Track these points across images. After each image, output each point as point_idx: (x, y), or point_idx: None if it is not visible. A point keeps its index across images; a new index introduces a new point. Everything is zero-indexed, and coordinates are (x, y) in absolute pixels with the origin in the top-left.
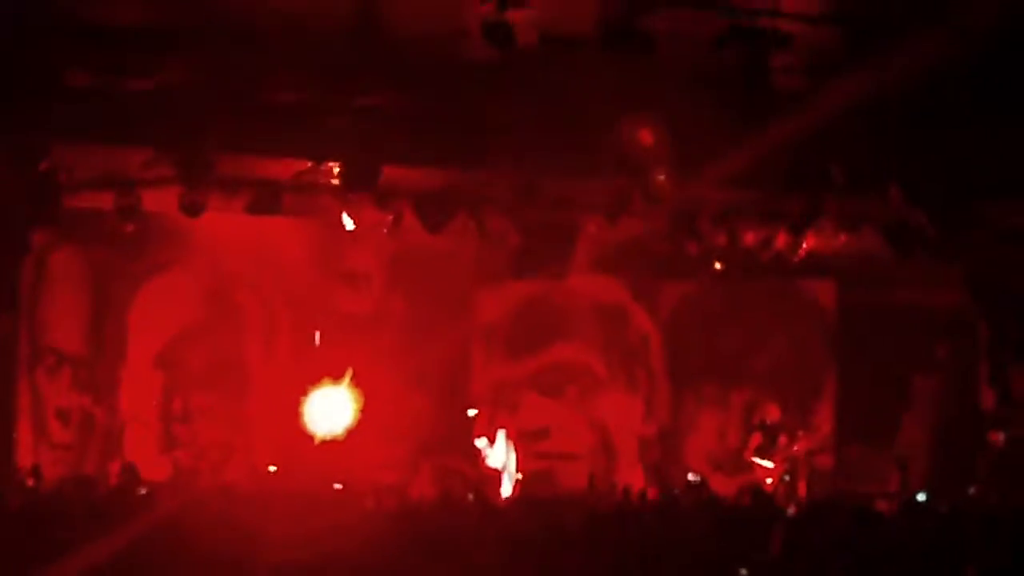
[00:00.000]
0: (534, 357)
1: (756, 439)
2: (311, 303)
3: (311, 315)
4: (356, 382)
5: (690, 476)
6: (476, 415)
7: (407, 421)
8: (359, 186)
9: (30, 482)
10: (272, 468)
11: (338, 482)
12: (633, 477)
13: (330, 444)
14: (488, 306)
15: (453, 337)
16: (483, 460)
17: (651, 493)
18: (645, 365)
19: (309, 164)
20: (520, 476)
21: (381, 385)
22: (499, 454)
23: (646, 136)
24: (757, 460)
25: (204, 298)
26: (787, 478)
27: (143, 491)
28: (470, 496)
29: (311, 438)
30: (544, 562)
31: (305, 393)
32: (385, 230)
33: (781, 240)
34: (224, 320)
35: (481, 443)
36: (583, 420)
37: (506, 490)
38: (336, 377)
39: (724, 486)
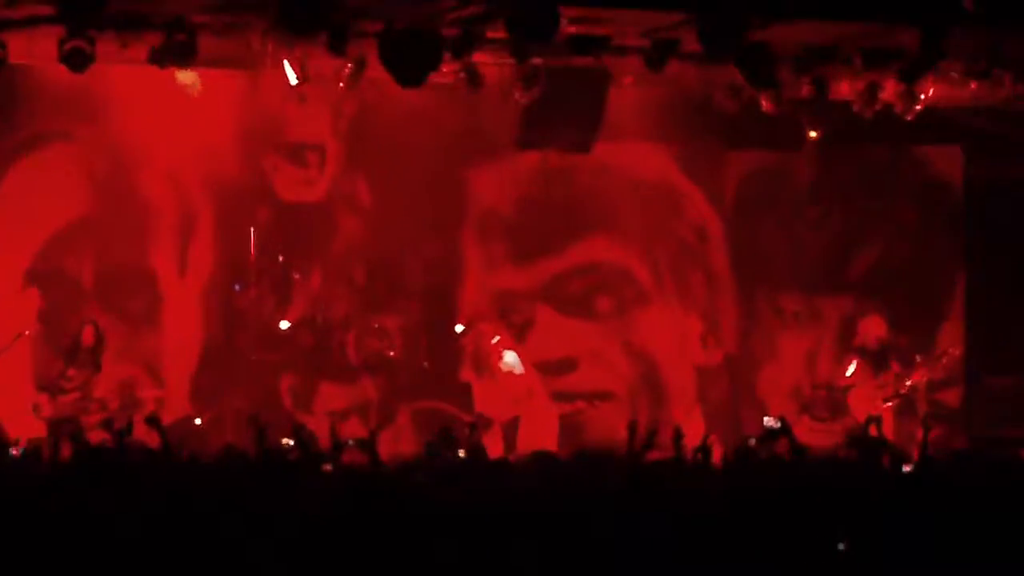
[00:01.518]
0: (550, 259)
1: (857, 368)
2: (242, 189)
3: (243, 206)
4: (306, 296)
5: (767, 421)
6: (466, 331)
7: (376, 350)
8: (304, 24)
9: None
10: (197, 420)
11: (288, 438)
12: (690, 424)
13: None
14: (486, 189)
15: (436, 232)
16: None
17: (714, 445)
18: (704, 268)
19: None
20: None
21: (339, 299)
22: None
23: None
24: (858, 396)
25: (94, 185)
26: (901, 421)
27: (14, 453)
28: (461, 453)
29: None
30: (565, 542)
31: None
32: (341, 84)
33: (889, 91)
34: (123, 215)
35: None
36: (620, 346)
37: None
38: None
39: (814, 434)
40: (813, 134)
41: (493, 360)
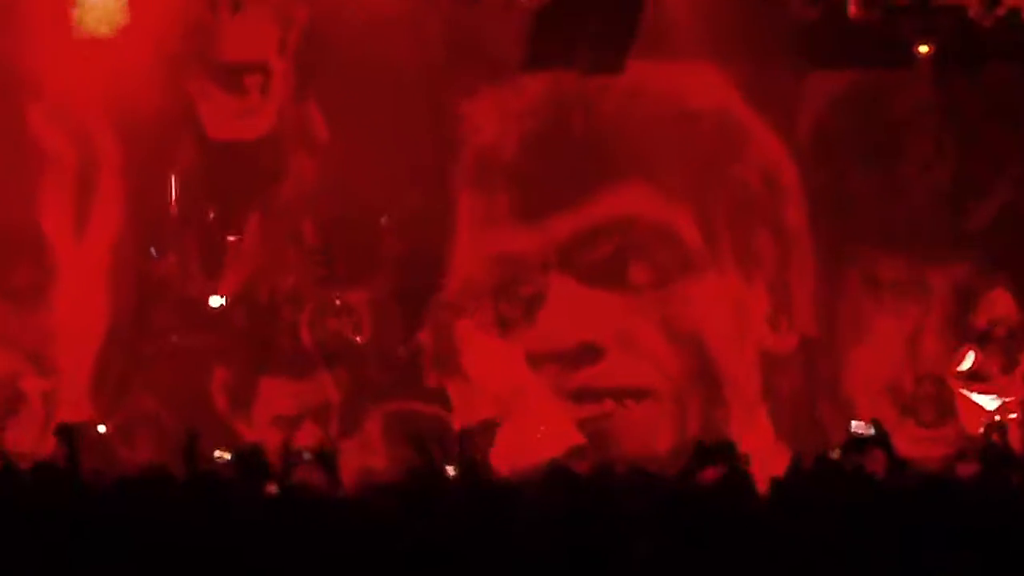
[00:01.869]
0: (568, 214)
1: (973, 356)
2: (160, 124)
3: (161, 146)
4: (243, 263)
5: (856, 425)
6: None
7: (337, 333)
8: None
9: None
10: (100, 427)
11: (223, 450)
12: (753, 429)
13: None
14: (482, 122)
15: (417, 180)
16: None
17: (782, 457)
18: (772, 224)
19: None
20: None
21: (287, 267)
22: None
23: None
24: (974, 394)
25: None
26: None
27: None
28: (451, 470)
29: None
30: None
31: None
32: None
33: None
34: (2, 161)
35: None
36: (660, 327)
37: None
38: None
39: (917, 443)
40: (924, 48)
41: (462, 356)
